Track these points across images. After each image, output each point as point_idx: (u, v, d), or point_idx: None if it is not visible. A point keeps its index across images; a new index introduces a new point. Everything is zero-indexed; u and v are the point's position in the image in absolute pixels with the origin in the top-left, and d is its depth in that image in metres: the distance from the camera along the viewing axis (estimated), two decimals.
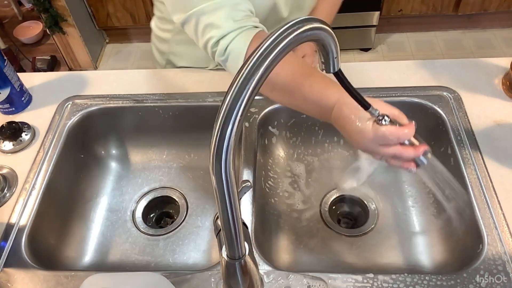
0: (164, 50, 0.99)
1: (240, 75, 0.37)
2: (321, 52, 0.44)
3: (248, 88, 0.36)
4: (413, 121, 0.57)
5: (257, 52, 0.37)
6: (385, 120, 0.55)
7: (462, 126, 0.81)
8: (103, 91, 0.94)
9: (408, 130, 0.56)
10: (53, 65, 2.34)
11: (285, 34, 0.38)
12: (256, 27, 0.70)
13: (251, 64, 0.37)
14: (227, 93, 0.37)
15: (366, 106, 0.53)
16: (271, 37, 0.37)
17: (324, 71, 0.46)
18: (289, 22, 0.38)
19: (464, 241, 0.72)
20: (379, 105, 0.56)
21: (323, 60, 0.45)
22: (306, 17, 0.39)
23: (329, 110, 0.62)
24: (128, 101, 0.92)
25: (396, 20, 2.34)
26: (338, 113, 0.60)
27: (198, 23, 0.69)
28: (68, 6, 2.08)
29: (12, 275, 0.68)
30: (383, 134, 0.55)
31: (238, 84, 0.37)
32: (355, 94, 0.51)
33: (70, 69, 2.37)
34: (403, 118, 0.57)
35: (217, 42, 0.69)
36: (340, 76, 0.48)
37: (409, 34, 2.40)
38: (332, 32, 0.41)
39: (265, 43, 0.37)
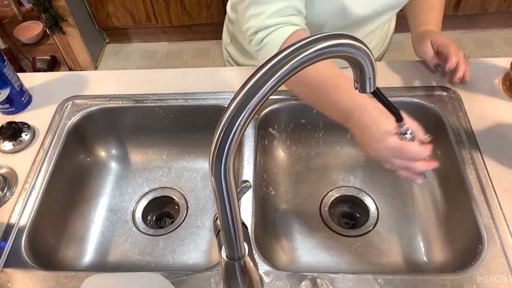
0: (231, 30, 1.03)
1: (255, 78, 0.35)
2: (354, 71, 0.42)
3: (260, 94, 0.35)
4: (430, 139, 0.60)
5: (273, 60, 0.35)
6: (408, 135, 0.58)
7: (462, 126, 0.81)
8: (103, 91, 0.94)
9: (426, 150, 0.59)
10: (53, 65, 2.34)
11: (305, 47, 0.35)
12: (297, 25, 0.72)
13: (265, 69, 0.35)
14: (236, 94, 0.35)
15: (399, 119, 0.56)
16: (289, 48, 0.35)
17: (357, 90, 0.43)
18: (317, 35, 0.36)
19: (464, 241, 0.72)
20: (404, 118, 0.58)
21: (357, 79, 0.42)
22: (340, 32, 0.37)
23: (348, 112, 0.64)
24: (128, 101, 0.92)
25: (396, 21, 2.33)
26: (359, 117, 0.63)
27: (246, 9, 0.73)
28: (68, 6, 2.08)
29: (12, 275, 0.68)
30: (402, 149, 0.59)
31: (249, 87, 0.35)
32: (392, 108, 0.53)
33: (70, 69, 2.38)
34: (421, 133, 0.61)
35: (256, 32, 0.72)
36: (378, 94, 0.47)
37: (409, 34, 2.39)
38: (368, 51, 0.38)
39: (282, 53, 0.35)
